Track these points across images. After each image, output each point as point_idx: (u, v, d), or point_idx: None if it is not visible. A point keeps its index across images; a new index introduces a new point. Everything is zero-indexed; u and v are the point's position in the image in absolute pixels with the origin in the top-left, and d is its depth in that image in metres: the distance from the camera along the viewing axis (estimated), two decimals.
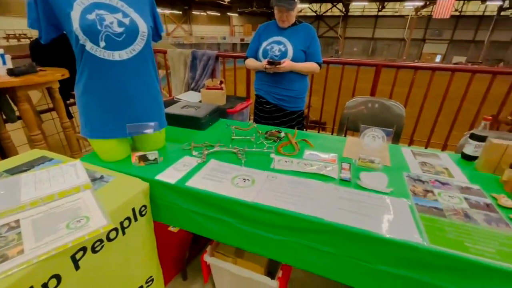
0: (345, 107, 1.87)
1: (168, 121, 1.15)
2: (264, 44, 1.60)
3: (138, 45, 0.91)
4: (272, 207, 0.78)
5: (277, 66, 1.46)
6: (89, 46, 0.83)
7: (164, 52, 2.62)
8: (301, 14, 22.47)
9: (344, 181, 0.93)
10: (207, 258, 1.13)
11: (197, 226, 0.92)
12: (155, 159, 1.00)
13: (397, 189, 0.89)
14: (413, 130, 2.12)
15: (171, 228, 1.24)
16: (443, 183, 0.93)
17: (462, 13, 20.27)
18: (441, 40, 21.88)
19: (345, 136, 2.01)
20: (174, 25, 22.38)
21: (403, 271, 0.68)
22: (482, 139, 1.03)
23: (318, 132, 2.66)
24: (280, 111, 1.71)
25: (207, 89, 2.18)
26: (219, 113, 1.50)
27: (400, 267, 0.68)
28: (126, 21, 0.88)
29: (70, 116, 2.29)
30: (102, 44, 0.84)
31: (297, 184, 0.90)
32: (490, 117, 1.02)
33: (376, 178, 0.94)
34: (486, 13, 19.59)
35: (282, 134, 1.28)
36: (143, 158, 1.00)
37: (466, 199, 0.84)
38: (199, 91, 2.25)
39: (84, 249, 0.67)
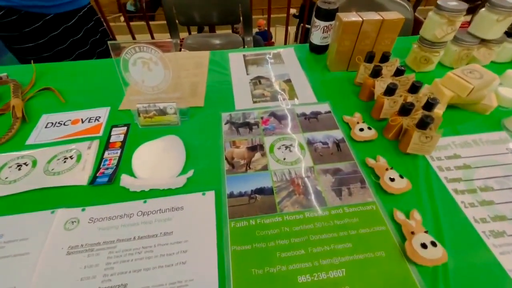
0: None
1: None
2: None
3: None
4: None
5: None
6: None
7: None
8: None
9: (99, 186, 0.44)
10: None
11: None
12: None
13: (205, 164, 0.46)
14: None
15: None
16: (279, 119, 0.55)
17: None
18: None
19: (181, 45, 1.37)
20: None
21: None
22: (330, 16, 0.63)
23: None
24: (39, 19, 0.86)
25: None
26: None
27: None
28: None
29: None
30: None
31: None
32: None
33: (162, 154, 0.48)
34: None
35: None
36: None
37: (310, 143, 0.50)
38: None
39: None
